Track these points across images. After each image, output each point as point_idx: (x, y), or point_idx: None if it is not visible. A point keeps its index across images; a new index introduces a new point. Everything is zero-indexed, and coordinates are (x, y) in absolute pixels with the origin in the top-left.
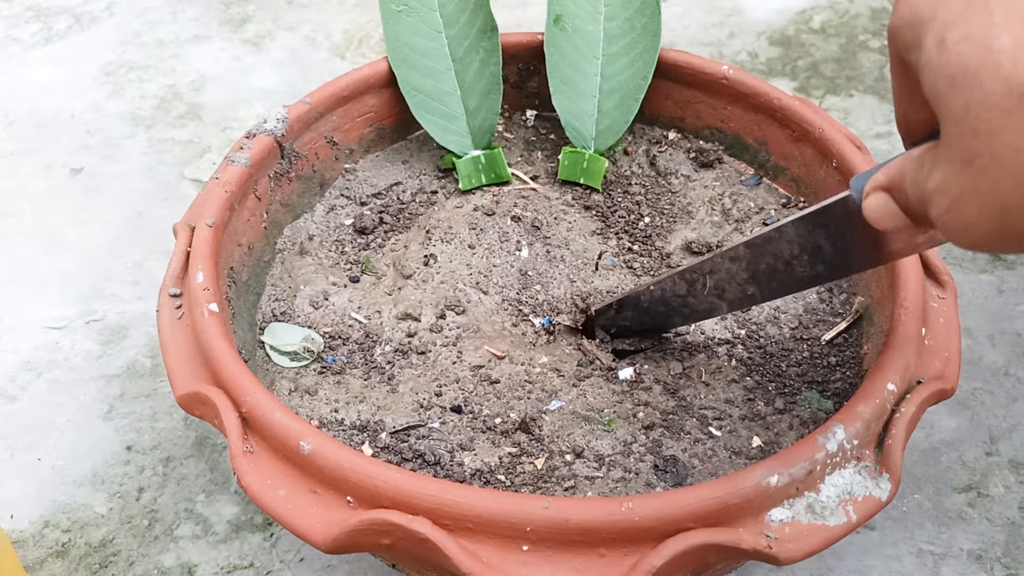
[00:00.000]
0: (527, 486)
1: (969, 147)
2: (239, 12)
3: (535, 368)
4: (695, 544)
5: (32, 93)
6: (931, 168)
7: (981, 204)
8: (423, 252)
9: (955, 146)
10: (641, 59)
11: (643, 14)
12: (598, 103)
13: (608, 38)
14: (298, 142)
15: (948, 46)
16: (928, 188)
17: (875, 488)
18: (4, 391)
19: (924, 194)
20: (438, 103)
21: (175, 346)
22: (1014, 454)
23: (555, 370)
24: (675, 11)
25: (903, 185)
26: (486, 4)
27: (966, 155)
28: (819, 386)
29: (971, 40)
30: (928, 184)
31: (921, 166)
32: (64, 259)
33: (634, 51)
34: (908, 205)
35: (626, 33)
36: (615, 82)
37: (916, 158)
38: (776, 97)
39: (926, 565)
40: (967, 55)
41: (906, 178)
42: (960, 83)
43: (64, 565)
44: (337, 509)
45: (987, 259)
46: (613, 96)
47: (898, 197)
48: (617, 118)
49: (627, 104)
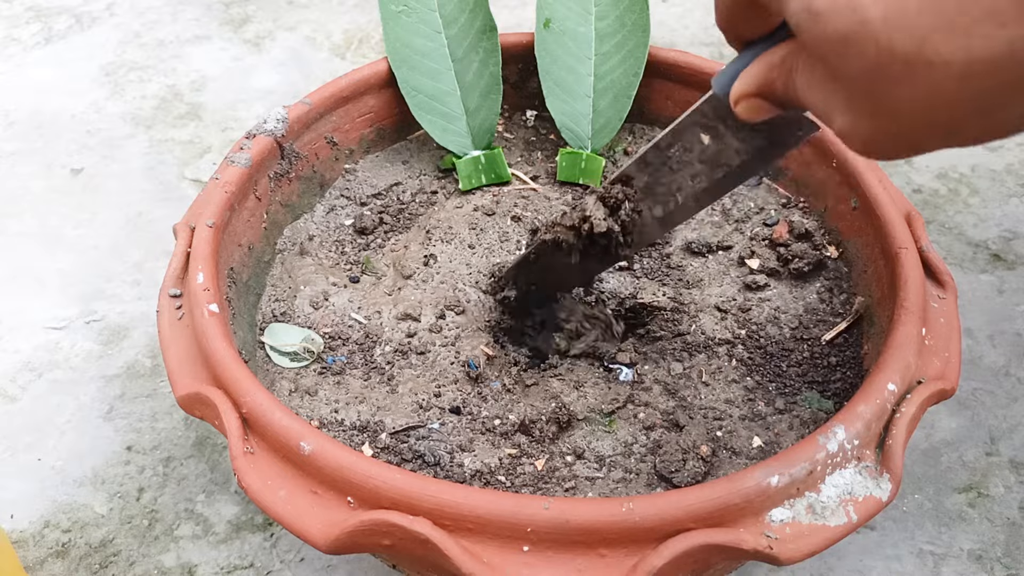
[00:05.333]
0: (527, 487)
1: (870, 103)
2: (239, 12)
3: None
4: (696, 544)
5: (32, 93)
6: (812, 87)
7: (887, 137)
8: (423, 252)
9: (856, 99)
10: (632, 56)
11: (632, 11)
12: (592, 103)
13: (599, 37)
14: (298, 142)
15: (822, 16)
16: (819, 108)
17: (876, 488)
18: (4, 391)
19: (804, 101)
20: (438, 103)
21: (175, 347)
22: (1014, 454)
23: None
24: (675, 11)
25: (773, 89)
26: (485, 4)
27: (869, 108)
28: (819, 386)
29: (842, 13)
30: (816, 103)
31: (791, 77)
32: (64, 259)
33: (625, 48)
34: (781, 102)
35: (616, 31)
36: (608, 80)
37: (781, 66)
38: None
39: (926, 565)
40: (844, 27)
41: (776, 83)
42: (844, 52)
43: (64, 565)
44: (337, 510)
45: (987, 259)
46: (607, 95)
47: (768, 97)
48: (612, 116)
49: (620, 102)
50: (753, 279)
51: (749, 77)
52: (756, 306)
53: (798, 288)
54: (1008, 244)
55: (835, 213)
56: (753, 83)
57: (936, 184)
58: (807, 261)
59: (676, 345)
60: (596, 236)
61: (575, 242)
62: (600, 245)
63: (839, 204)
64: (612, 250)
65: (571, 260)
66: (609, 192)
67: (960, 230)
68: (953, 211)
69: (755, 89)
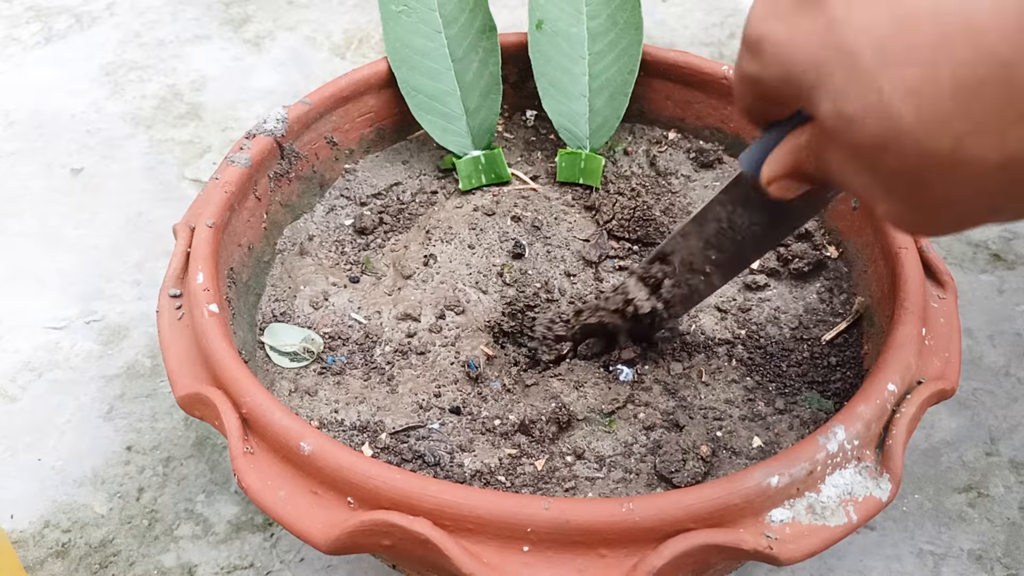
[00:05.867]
0: (527, 487)
1: (911, 198)
2: (239, 12)
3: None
4: (696, 545)
5: (32, 93)
6: (848, 174)
7: (933, 223)
8: (423, 252)
9: (896, 194)
10: (627, 53)
11: (624, 9)
12: (589, 102)
13: (592, 37)
14: (298, 142)
15: (855, 123)
16: (859, 192)
17: (876, 488)
18: (4, 391)
19: (841, 184)
20: (438, 103)
21: (175, 347)
22: (1014, 454)
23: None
24: (675, 11)
25: (804, 171)
26: (485, 4)
27: (911, 203)
28: (819, 386)
29: (875, 118)
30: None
31: (822, 158)
32: (64, 259)
33: (619, 46)
34: (814, 181)
35: (609, 30)
36: (603, 79)
37: (808, 148)
38: None
39: (926, 565)
40: (878, 132)
41: (806, 165)
42: (879, 155)
43: (64, 565)
44: (337, 510)
45: (987, 259)
46: (602, 93)
47: (801, 179)
48: (609, 115)
49: (617, 100)
50: (753, 279)
51: (778, 160)
52: (756, 306)
53: (798, 288)
54: (1008, 244)
55: (835, 213)
56: (783, 166)
57: None
58: (807, 261)
59: (676, 345)
60: (641, 316)
61: (620, 323)
62: (645, 323)
63: (839, 204)
64: (656, 323)
65: (617, 340)
66: (648, 272)
67: None
68: None
69: (786, 172)
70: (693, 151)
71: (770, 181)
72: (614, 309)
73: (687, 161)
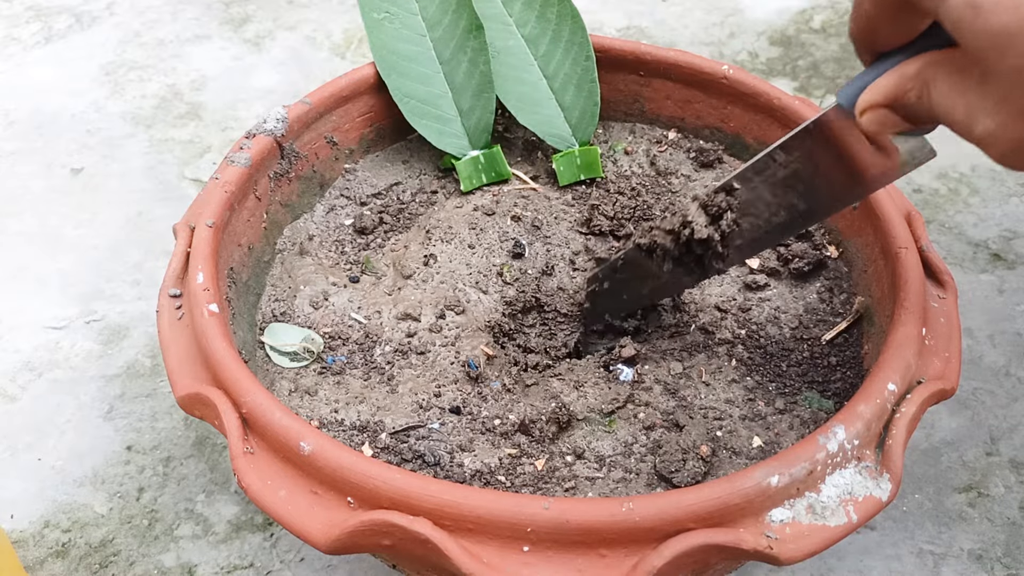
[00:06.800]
0: (527, 487)
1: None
2: (239, 12)
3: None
4: (696, 545)
5: (32, 93)
6: (954, 94)
7: None
8: (423, 252)
9: (1010, 98)
10: (574, 44)
11: (550, 4)
12: (557, 101)
13: (531, 42)
14: (298, 142)
15: (984, 10)
16: (958, 115)
17: (876, 488)
18: (4, 391)
19: (939, 111)
20: (431, 107)
21: (175, 347)
22: (1014, 454)
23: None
24: (675, 11)
25: (906, 100)
26: (469, 3)
27: (1022, 107)
28: (819, 386)
29: (1005, 7)
30: (955, 109)
31: (928, 87)
32: (64, 259)
33: (562, 40)
34: (911, 114)
35: (545, 30)
36: (562, 75)
37: (917, 78)
38: (776, 97)
39: (926, 565)
40: (1007, 22)
41: (909, 94)
42: (1003, 48)
43: (64, 565)
44: (337, 510)
45: (987, 259)
46: (567, 88)
47: (898, 109)
48: (584, 106)
49: (585, 88)
50: (753, 279)
51: (880, 87)
52: (756, 306)
53: (798, 288)
54: (1008, 244)
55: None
56: (884, 93)
57: (936, 184)
58: (807, 261)
59: (676, 345)
60: (694, 244)
61: (671, 247)
62: (695, 255)
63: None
64: (706, 261)
65: (662, 269)
66: (712, 200)
67: (960, 230)
68: (953, 211)
69: (886, 99)
70: (693, 151)
71: (866, 109)
72: (669, 229)
73: (687, 161)
